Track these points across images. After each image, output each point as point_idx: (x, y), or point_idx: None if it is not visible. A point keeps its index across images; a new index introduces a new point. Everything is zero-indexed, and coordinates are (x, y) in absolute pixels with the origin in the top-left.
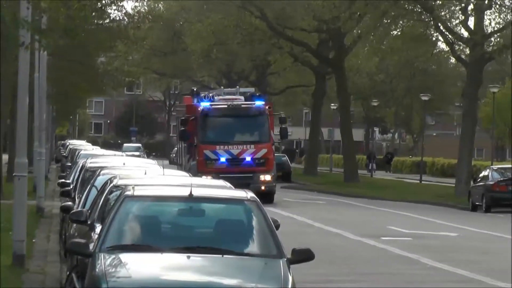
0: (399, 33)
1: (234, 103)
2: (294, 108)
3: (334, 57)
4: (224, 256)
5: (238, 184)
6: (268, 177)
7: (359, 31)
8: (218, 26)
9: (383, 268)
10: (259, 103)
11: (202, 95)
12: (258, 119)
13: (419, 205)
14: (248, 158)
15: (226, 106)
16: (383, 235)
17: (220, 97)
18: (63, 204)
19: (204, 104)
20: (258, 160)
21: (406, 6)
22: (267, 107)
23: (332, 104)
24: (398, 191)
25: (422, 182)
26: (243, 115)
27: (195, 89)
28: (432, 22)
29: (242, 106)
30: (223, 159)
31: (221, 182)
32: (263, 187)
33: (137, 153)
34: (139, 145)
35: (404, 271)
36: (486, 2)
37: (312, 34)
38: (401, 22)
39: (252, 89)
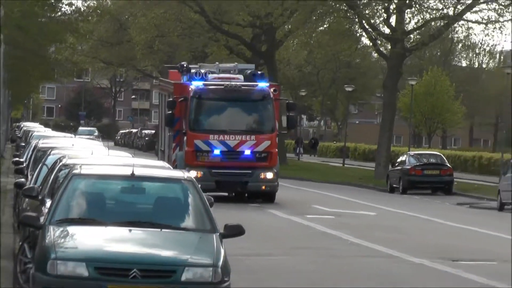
0: (326, 28)
1: (232, 83)
2: None
3: (266, 50)
4: (162, 230)
5: (234, 182)
6: (270, 175)
7: (290, 27)
8: (160, 20)
9: (308, 243)
10: (262, 84)
11: (193, 71)
12: (261, 104)
13: (342, 186)
14: (247, 151)
15: (222, 87)
16: (309, 213)
17: (215, 75)
18: (16, 180)
19: (197, 84)
20: (259, 154)
21: (333, 4)
22: (272, 90)
23: None
24: (322, 173)
25: (345, 165)
26: (243, 98)
27: (185, 65)
28: (356, 20)
29: (243, 87)
30: (217, 151)
31: (161, 163)
32: (263, 186)
33: (92, 136)
34: (94, 128)
35: (327, 246)
36: (407, 2)
37: (246, 29)
38: (328, 19)
39: (252, 66)
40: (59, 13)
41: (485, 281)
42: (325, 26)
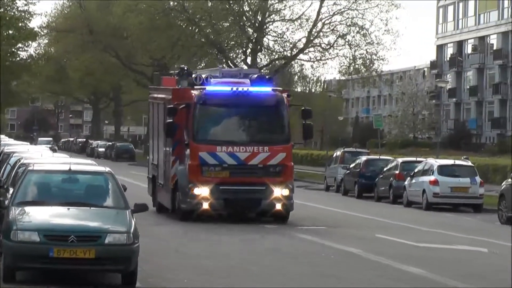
0: (203, 66)
1: (241, 88)
2: (139, 115)
3: None
4: (91, 208)
5: (245, 199)
6: (286, 192)
7: (177, 66)
8: (89, 62)
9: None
10: (275, 89)
11: (194, 76)
12: (275, 111)
13: None
14: (260, 165)
15: (230, 91)
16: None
17: (218, 79)
18: None
19: (201, 88)
20: (273, 168)
21: (208, 49)
22: (285, 95)
23: None
24: None
25: None
26: (254, 104)
27: (186, 68)
28: (224, 60)
29: (254, 92)
30: (225, 165)
31: (89, 161)
32: (279, 206)
33: (49, 145)
34: (51, 138)
35: None
36: (259, 47)
37: (148, 67)
38: (204, 59)
39: (256, 70)
40: (18, 58)
41: (319, 240)
42: (202, 65)
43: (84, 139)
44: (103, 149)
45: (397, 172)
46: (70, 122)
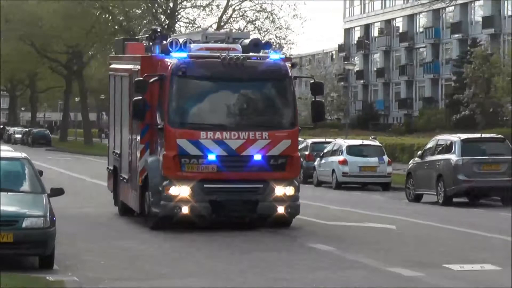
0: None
1: (232, 55)
2: (55, 102)
3: (77, 69)
4: (8, 193)
5: (238, 201)
6: (290, 190)
7: (91, 53)
8: (4, 51)
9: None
10: (275, 56)
11: (170, 40)
12: (277, 86)
13: None
14: (258, 156)
15: (218, 59)
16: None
17: (200, 45)
18: None
19: (179, 56)
20: (274, 160)
21: (121, 36)
22: (288, 64)
23: (76, 98)
24: None
25: None
26: (249, 77)
27: (158, 30)
28: None
29: (248, 60)
30: (212, 157)
31: (6, 147)
32: (281, 209)
33: None
34: None
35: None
36: (170, 33)
37: (63, 55)
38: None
39: (247, 34)
40: None
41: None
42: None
43: (1, 126)
44: (19, 135)
45: (307, 153)
46: None
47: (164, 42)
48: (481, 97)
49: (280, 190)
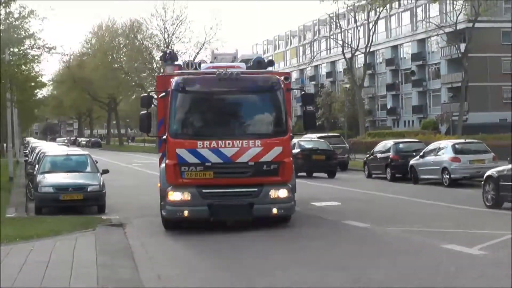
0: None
1: (228, 71)
2: (101, 123)
3: (113, 106)
4: (79, 172)
5: (234, 205)
6: (283, 193)
7: (121, 97)
8: (74, 98)
9: (152, 180)
10: (269, 71)
11: (183, 62)
12: (269, 97)
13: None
14: (251, 163)
15: (214, 75)
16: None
17: (209, 64)
18: (25, 158)
19: (182, 73)
20: (267, 166)
21: (137, 88)
22: (282, 78)
23: (114, 121)
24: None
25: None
26: (243, 89)
27: (169, 51)
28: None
29: (242, 75)
30: (208, 164)
31: (77, 149)
32: (275, 210)
33: (64, 142)
34: (66, 138)
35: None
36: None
37: (105, 98)
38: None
39: (255, 55)
40: (35, 98)
41: None
42: (134, 96)
43: (75, 137)
44: (84, 142)
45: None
46: (67, 129)
47: (176, 62)
48: (326, 114)
49: (274, 193)
